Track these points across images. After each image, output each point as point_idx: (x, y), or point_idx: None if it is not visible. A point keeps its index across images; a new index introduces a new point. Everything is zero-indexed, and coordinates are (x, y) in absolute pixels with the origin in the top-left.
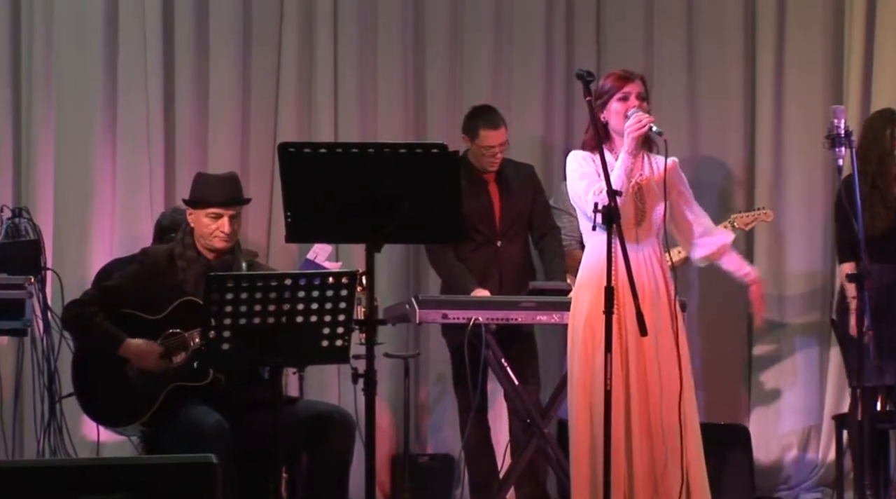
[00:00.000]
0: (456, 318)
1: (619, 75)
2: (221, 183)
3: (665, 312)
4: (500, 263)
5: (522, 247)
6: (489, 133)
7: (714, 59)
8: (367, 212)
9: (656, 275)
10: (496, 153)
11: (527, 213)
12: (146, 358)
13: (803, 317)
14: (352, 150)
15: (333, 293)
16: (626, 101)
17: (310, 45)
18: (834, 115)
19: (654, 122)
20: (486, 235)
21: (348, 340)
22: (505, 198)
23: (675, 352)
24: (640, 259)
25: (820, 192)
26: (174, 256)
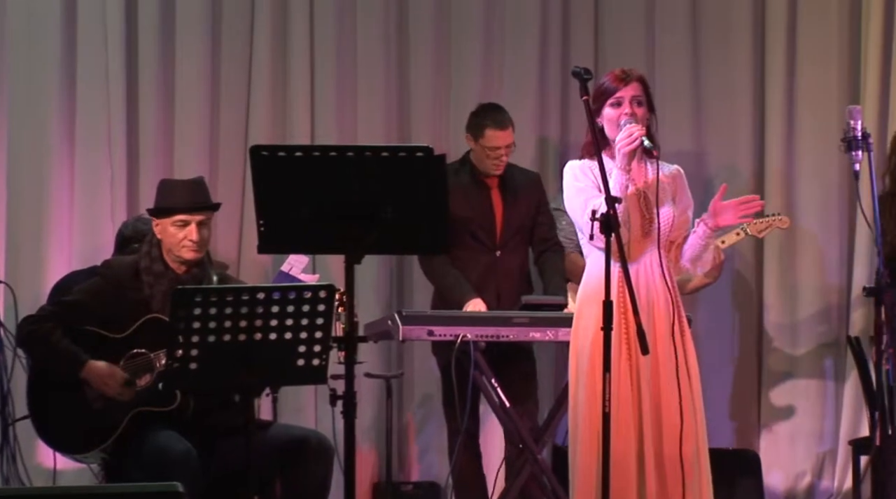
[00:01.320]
0: (442, 335)
1: (615, 76)
2: (186, 188)
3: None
4: (498, 274)
5: (523, 259)
6: (496, 134)
7: (720, 54)
8: (347, 220)
9: (666, 291)
10: (501, 156)
11: (529, 223)
12: (109, 384)
13: (817, 333)
14: (330, 153)
15: (310, 308)
16: (619, 107)
17: (283, 39)
18: (850, 116)
19: (644, 135)
20: (484, 244)
21: (326, 359)
22: (508, 205)
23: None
24: (651, 273)
25: (835, 198)
26: (139, 269)
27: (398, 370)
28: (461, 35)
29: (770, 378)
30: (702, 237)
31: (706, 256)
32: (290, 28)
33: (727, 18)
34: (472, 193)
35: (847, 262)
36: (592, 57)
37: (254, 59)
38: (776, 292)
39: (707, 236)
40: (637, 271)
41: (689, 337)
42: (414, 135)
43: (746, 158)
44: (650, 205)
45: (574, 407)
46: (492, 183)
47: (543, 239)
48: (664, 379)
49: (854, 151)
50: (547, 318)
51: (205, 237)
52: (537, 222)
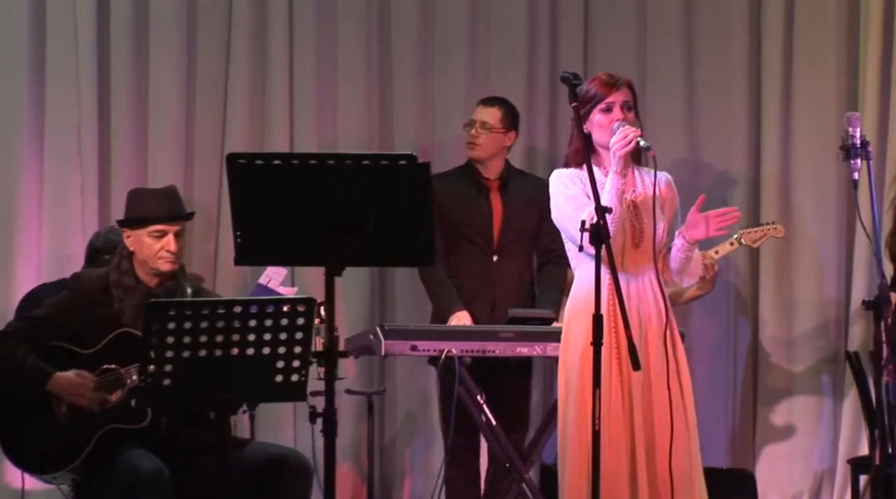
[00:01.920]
0: (426, 349)
1: (603, 81)
2: (161, 197)
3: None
4: (494, 281)
5: (522, 266)
6: (476, 108)
7: (715, 59)
8: (327, 231)
9: (659, 304)
10: (473, 135)
11: (531, 230)
12: (79, 392)
13: (815, 348)
14: (309, 161)
15: (288, 322)
16: (610, 112)
17: (262, 43)
18: (848, 123)
19: (640, 136)
20: (481, 248)
21: (305, 374)
22: (508, 209)
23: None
24: (643, 287)
25: (833, 208)
26: (109, 283)
27: (380, 387)
28: (445, 39)
29: (766, 394)
30: (681, 250)
31: (691, 268)
32: (268, 32)
33: (722, 21)
34: (469, 197)
35: (846, 274)
36: (582, 62)
37: (231, 63)
38: (772, 306)
39: (686, 249)
40: (628, 284)
41: (681, 352)
42: (397, 142)
43: (741, 165)
44: (640, 215)
45: (563, 425)
46: (492, 186)
47: (546, 249)
48: (656, 395)
49: (853, 160)
50: (534, 332)
51: (181, 249)
52: (541, 230)
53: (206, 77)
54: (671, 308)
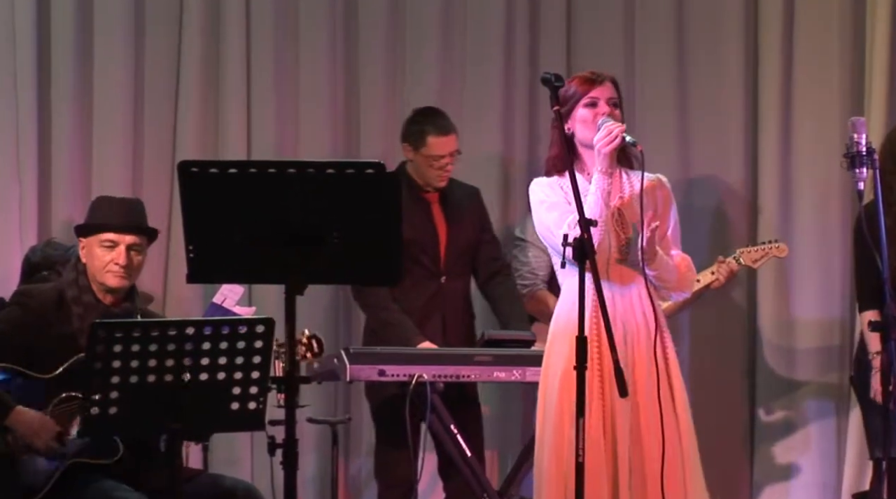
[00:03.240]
0: (395, 374)
1: (584, 78)
2: (121, 205)
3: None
4: (444, 303)
5: (467, 285)
6: (439, 140)
7: (709, 62)
8: (287, 245)
9: (648, 321)
10: (446, 165)
11: (474, 244)
12: (40, 436)
13: (817, 375)
14: (268, 169)
15: (245, 345)
16: (595, 107)
17: (216, 42)
18: (853, 129)
19: (625, 131)
20: (428, 269)
21: (264, 402)
22: (452, 224)
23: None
24: (629, 301)
25: (837, 221)
26: (66, 299)
27: (345, 415)
28: (416, 39)
29: (763, 424)
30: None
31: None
32: (222, 31)
33: (716, 21)
34: (411, 212)
35: (850, 293)
36: (564, 63)
37: (182, 66)
38: (771, 328)
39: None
40: (613, 300)
41: (675, 370)
42: (363, 150)
43: (737, 177)
44: (627, 222)
45: (539, 456)
46: (432, 199)
47: (492, 258)
48: (644, 419)
49: (858, 169)
50: (513, 356)
51: (134, 264)
52: (482, 242)
53: (155, 81)
54: (664, 322)
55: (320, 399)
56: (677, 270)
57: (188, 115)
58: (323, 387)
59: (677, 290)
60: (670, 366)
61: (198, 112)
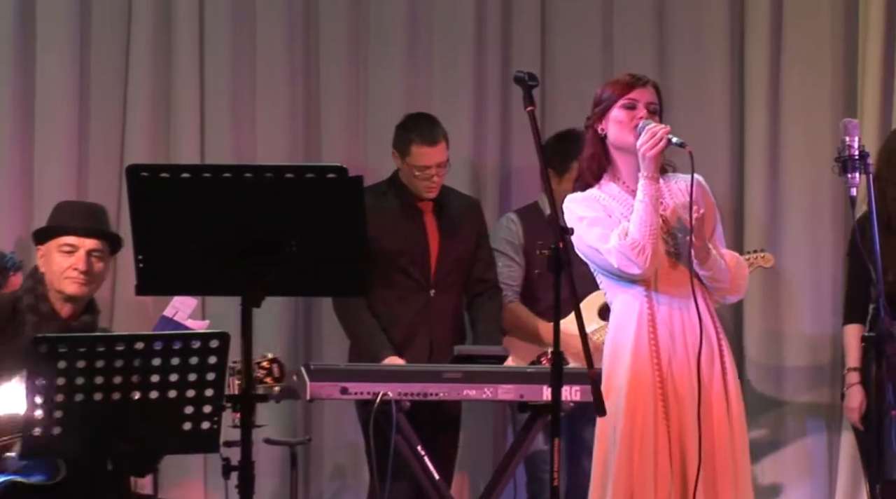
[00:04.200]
0: (358, 392)
1: (623, 81)
2: (80, 208)
3: (719, 379)
4: (432, 319)
5: (459, 300)
6: (424, 150)
7: (691, 61)
8: (244, 255)
9: (709, 337)
10: (433, 176)
11: (468, 258)
12: None
13: (808, 394)
14: (223, 174)
15: (199, 361)
16: (633, 109)
17: (167, 40)
18: (845, 132)
19: (670, 132)
20: (417, 281)
21: (218, 422)
22: (445, 235)
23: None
24: (685, 310)
25: (828, 229)
26: (21, 308)
27: (305, 436)
28: (380, 36)
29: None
30: None
31: (720, 276)
32: (174, 30)
33: (699, 19)
34: (401, 220)
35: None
36: (539, 61)
37: (131, 63)
38: (757, 344)
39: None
40: (670, 314)
41: (734, 387)
42: (325, 154)
43: (722, 183)
44: (672, 231)
45: (602, 481)
46: (425, 208)
47: (480, 280)
48: (719, 444)
49: (850, 173)
50: (485, 372)
51: (95, 270)
52: (476, 258)
53: (102, 79)
54: (722, 330)
55: (278, 419)
56: (729, 269)
57: (138, 116)
58: (281, 406)
59: (732, 292)
60: (729, 383)
61: (148, 113)
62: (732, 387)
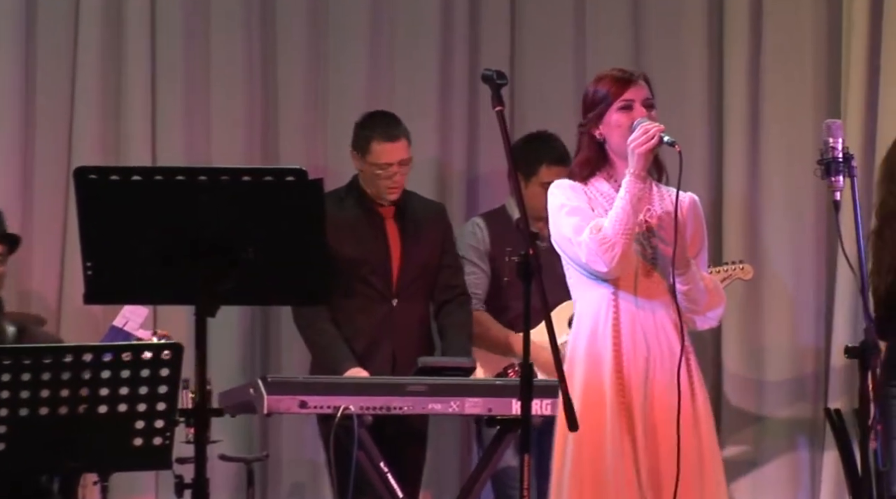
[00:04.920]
0: (318, 406)
1: (615, 78)
2: None
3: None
4: (395, 329)
5: (424, 310)
6: (384, 147)
7: (668, 58)
8: (198, 262)
9: (673, 348)
10: (394, 175)
11: (433, 265)
12: None
13: (789, 409)
14: (176, 177)
15: (150, 373)
16: (630, 110)
17: (117, 35)
18: (828, 133)
19: (664, 131)
20: (378, 291)
21: (171, 437)
22: (408, 241)
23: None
24: (655, 320)
25: (810, 237)
26: None
27: (262, 452)
28: (341, 32)
29: (728, 465)
30: None
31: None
32: (125, 27)
33: (676, 14)
34: (361, 227)
35: (825, 317)
36: (508, 58)
37: (79, 63)
38: (737, 356)
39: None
40: (635, 321)
41: (703, 398)
42: (283, 156)
43: (699, 187)
44: (654, 238)
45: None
46: (386, 213)
47: (448, 286)
48: (663, 449)
49: (833, 177)
50: (451, 385)
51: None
52: (442, 265)
53: (48, 77)
54: (689, 344)
55: (234, 434)
56: (707, 291)
57: (86, 115)
58: (237, 420)
59: (703, 313)
60: (696, 393)
61: (97, 113)
62: (701, 402)
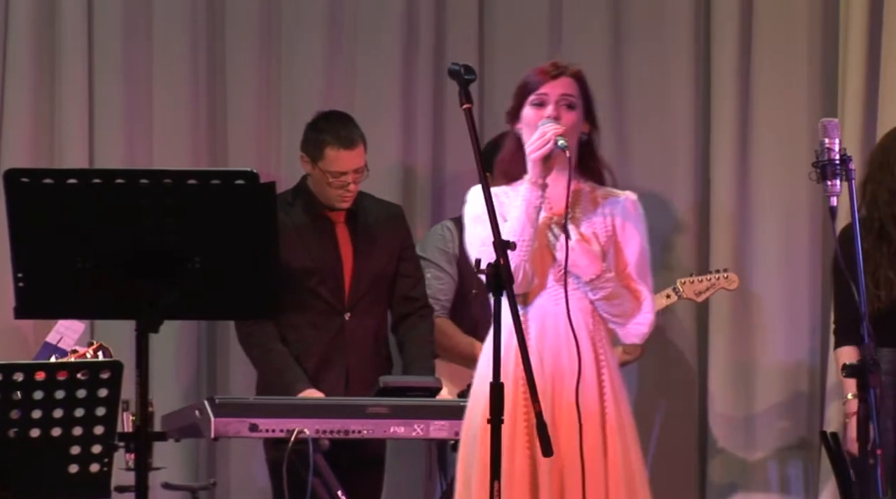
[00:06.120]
0: (270, 430)
1: (541, 70)
2: None
3: (610, 416)
4: (347, 346)
5: (380, 323)
6: (340, 154)
7: (650, 53)
8: (139, 273)
9: (599, 359)
10: (348, 183)
11: (389, 275)
12: None
13: (781, 431)
14: (115, 180)
15: (87, 394)
16: (542, 107)
17: (51, 27)
18: (824, 133)
19: (561, 134)
20: (328, 304)
21: (109, 463)
22: (361, 250)
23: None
24: (563, 337)
25: (805, 245)
26: None
27: (209, 479)
28: (295, 24)
29: (716, 486)
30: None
31: (610, 308)
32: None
33: (659, 5)
34: (309, 233)
35: (821, 332)
36: (476, 53)
37: (9, 60)
38: (724, 375)
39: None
40: (543, 334)
41: (626, 409)
42: (232, 159)
43: (685, 193)
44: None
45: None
46: (337, 219)
47: (407, 298)
48: (592, 481)
49: (830, 181)
50: (415, 406)
51: None
52: (399, 273)
53: None
54: (610, 356)
55: (178, 460)
56: (633, 300)
57: (17, 114)
58: (182, 445)
59: (627, 324)
60: (620, 404)
61: (29, 111)
62: (612, 418)
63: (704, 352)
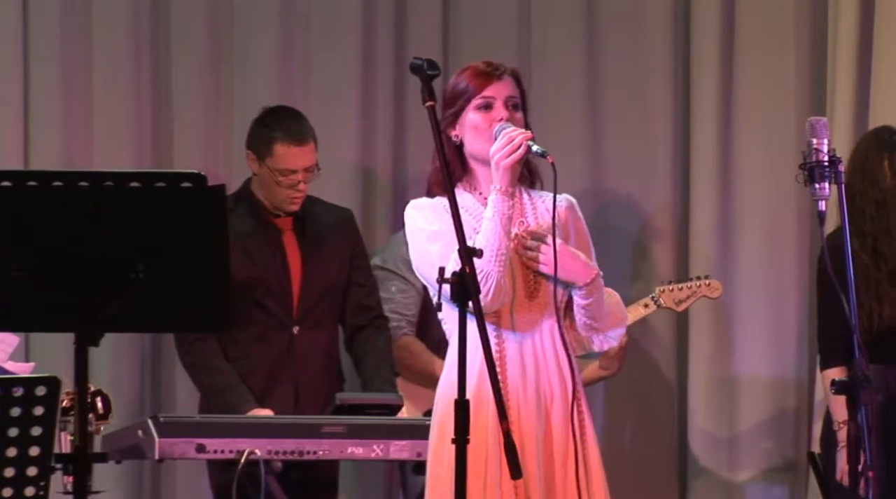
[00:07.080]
0: (218, 450)
1: (478, 70)
2: None
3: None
4: (297, 362)
5: (331, 337)
6: (290, 150)
7: (626, 49)
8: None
9: (563, 371)
10: (298, 183)
11: (341, 285)
12: None
13: (766, 452)
14: (52, 183)
15: (22, 412)
16: (489, 110)
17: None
18: (812, 133)
19: (532, 139)
20: (275, 317)
21: (45, 487)
22: (309, 258)
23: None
24: (539, 348)
25: (791, 253)
26: None
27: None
28: (247, 17)
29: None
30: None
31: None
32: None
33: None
34: (254, 242)
35: (808, 345)
36: (440, 46)
37: None
38: (705, 391)
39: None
40: (522, 350)
41: (591, 437)
42: (178, 160)
43: (663, 196)
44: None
45: None
46: (284, 226)
47: (361, 308)
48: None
49: (818, 183)
50: (374, 425)
51: None
52: (352, 282)
53: None
54: (580, 381)
55: (120, 483)
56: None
57: None
58: (123, 467)
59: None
60: (585, 432)
61: None
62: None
63: (684, 366)
